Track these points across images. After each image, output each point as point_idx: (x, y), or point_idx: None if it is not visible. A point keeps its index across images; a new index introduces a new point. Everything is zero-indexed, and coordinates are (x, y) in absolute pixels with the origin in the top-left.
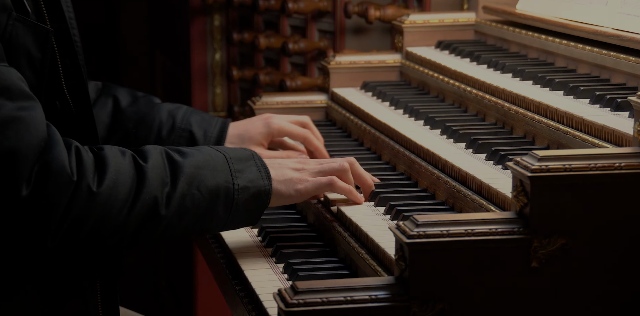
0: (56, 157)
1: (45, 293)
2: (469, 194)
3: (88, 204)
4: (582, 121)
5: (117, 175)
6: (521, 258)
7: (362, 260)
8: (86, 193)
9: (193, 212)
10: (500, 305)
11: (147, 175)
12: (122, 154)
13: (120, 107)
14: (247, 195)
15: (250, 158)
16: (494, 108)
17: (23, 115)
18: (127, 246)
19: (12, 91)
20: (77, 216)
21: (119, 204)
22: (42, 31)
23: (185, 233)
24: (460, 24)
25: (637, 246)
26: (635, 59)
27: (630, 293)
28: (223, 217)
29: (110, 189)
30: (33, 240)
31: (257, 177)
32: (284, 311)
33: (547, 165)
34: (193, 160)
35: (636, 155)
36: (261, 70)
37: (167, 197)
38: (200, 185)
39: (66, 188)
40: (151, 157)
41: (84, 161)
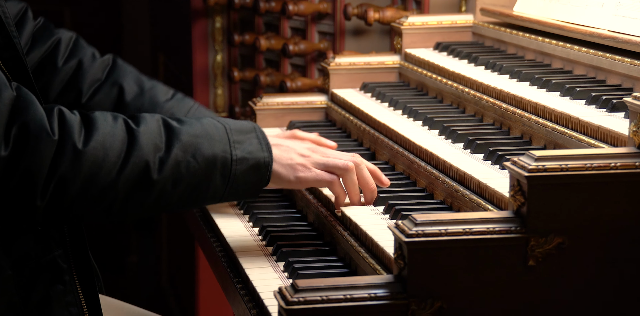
0: (33, 117)
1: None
2: (467, 194)
3: (74, 163)
4: (579, 122)
5: (106, 136)
6: (518, 256)
7: (362, 258)
8: (71, 151)
9: (188, 180)
10: (497, 302)
11: (139, 138)
12: (114, 118)
13: (124, 100)
14: (246, 166)
15: (251, 130)
16: (491, 109)
17: None
18: (122, 212)
19: None
20: (63, 174)
21: (108, 165)
22: None
23: (183, 204)
24: (458, 26)
25: (633, 245)
26: (630, 60)
27: (627, 292)
28: (221, 188)
29: (97, 149)
30: (22, 199)
31: (256, 149)
32: (285, 309)
33: (544, 165)
34: (191, 128)
35: (631, 155)
36: (262, 71)
37: (160, 162)
38: (196, 153)
39: (47, 147)
40: (145, 122)
41: (67, 121)
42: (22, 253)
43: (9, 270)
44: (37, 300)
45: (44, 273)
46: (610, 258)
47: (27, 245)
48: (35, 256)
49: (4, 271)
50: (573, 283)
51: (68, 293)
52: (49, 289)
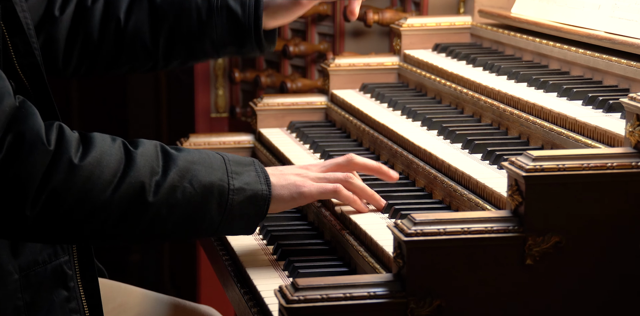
0: (30, 127)
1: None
2: (465, 193)
3: (68, 177)
4: (576, 122)
5: (103, 155)
6: (516, 255)
7: (361, 257)
8: (67, 165)
9: (184, 207)
10: (495, 301)
11: (136, 160)
12: (112, 140)
13: (155, 5)
14: (243, 197)
15: (250, 164)
16: (489, 110)
17: None
18: (113, 235)
19: None
20: (56, 187)
21: (103, 183)
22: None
23: (176, 232)
24: (457, 28)
25: (629, 244)
26: (627, 61)
27: (623, 290)
28: (216, 218)
29: (93, 166)
30: (11, 207)
31: (254, 181)
32: (285, 307)
33: (541, 165)
34: (188, 155)
35: (628, 155)
36: (262, 72)
37: (156, 185)
38: (192, 179)
39: (41, 157)
40: (143, 145)
41: (66, 136)
42: (29, 258)
43: (16, 274)
44: (40, 305)
45: (49, 279)
46: (607, 257)
47: (35, 250)
48: (42, 261)
49: (11, 275)
50: (570, 282)
51: (72, 300)
52: (53, 295)
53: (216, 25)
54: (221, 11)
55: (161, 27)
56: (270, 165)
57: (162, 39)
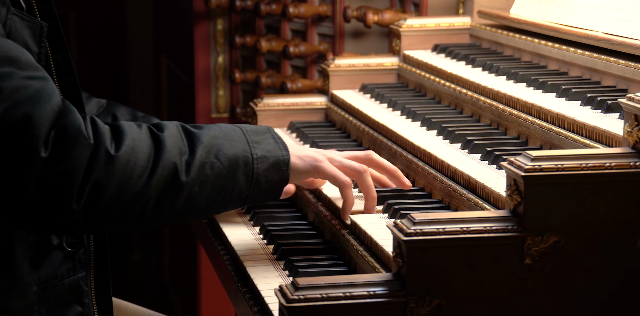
0: (72, 122)
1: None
2: (465, 193)
3: (108, 168)
4: (574, 122)
5: (134, 142)
6: (515, 255)
7: (361, 257)
8: (105, 156)
9: (214, 181)
10: (494, 300)
11: (164, 142)
12: (138, 126)
13: None
14: (266, 164)
15: (266, 131)
16: (488, 110)
17: (34, 83)
18: (154, 217)
19: (21, 61)
20: (98, 179)
21: (139, 169)
22: (37, 26)
23: (209, 207)
24: (456, 28)
25: (628, 243)
26: (624, 62)
27: (621, 289)
28: (245, 187)
29: (128, 154)
30: (59, 201)
31: (274, 148)
32: (285, 306)
33: (540, 165)
34: (209, 131)
35: (626, 155)
36: (263, 72)
37: (187, 164)
38: (218, 154)
39: (84, 151)
40: (167, 128)
41: (99, 128)
42: (49, 271)
43: (35, 286)
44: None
45: (66, 294)
46: (605, 256)
47: (55, 263)
48: (61, 275)
49: (30, 287)
50: (569, 281)
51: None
52: (68, 310)
53: None
54: None
55: None
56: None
57: None
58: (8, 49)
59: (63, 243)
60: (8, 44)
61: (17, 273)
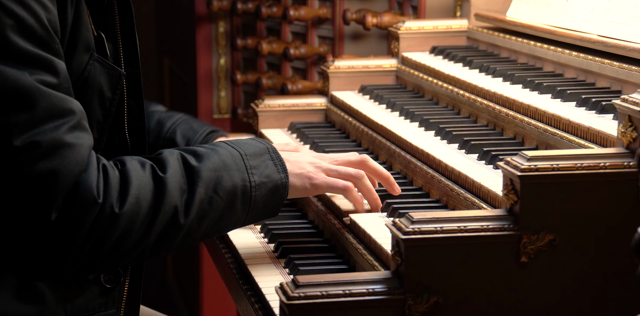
0: (86, 179)
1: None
2: (462, 192)
3: (110, 225)
4: (569, 123)
5: (139, 190)
6: (511, 253)
7: (360, 255)
8: (109, 214)
9: (212, 215)
10: (491, 297)
11: (167, 186)
12: (142, 167)
13: None
14: (265, 190)
15: (265, 152)
16: (485, 111)
17: (75, 142)
18: (148, 256)
19: (78, 119)
20: (99, 237)
21: (140, 219)
22: (116, 74)
23: (207, 235)
24: (454, 31)
25: (621, 242)
26: (619, 63)
27: (615, 286)
28: (242, 215)
29: (132, 206)
30: (55, 257)
31: (273, 171)
32: (286, 304)
33: (536, 165)
34: (209, 163)
35: (620, 155)
36: (264, 74)
37: (186, 205)
38: (217, 188)
39: (90, 210)
40: (169, 166)
41: (110, 181)
42: (82, 303)
43: (64, 315)
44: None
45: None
46: (599, 254)
47: (89, 297)
48: (92, 309)
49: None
50: (564, 279)
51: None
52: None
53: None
54: (165, 141)
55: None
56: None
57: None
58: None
59: (101, 279)
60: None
61: (46, 300)
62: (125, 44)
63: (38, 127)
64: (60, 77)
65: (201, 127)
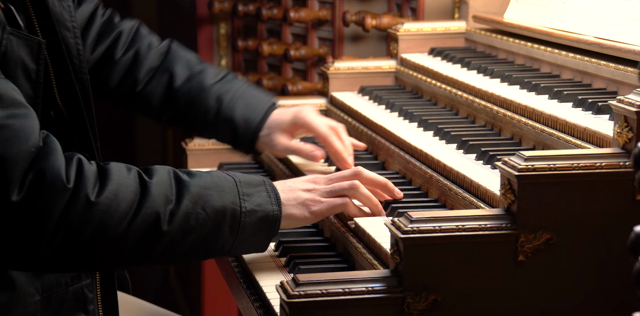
0: (51, 164)
1: None
2: (460, 192)
3: (85, 213)
4: (566, 123)
5: (119, 187)
6: (509, 252)
7: (360, 254)
8: (84, 202)
9: (198, 231)
10: (489, 295)
11: (151, 190)
12: (128, 170)
13: (173, 86)
14: (255, 218)
15: (261, 184)
16: (483, 112)
17: (13, 122)
18: (128, 262)
19: (3, 99)
20: (73, 224)
21: (119, 216)
22: (34, 43)
23: (191, 255)
24: (452, 32)
25: (616, 240)
26: (615, 65)
27: (611, 284)
28: (229, 240)
29: (110, 200)
30: (26, 245)
31: (265, 202)
32: (286, 302)
33: (533, 165)
34: (200, 180)
35: (616, 156)
36: (264, 75)
37: (170, 214)
38: (205, 205)
39: (60, 196)
40: (157, 174)
41: (84, 171)
42: (52, 280)
43: (37, 295)
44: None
45: (70, 301)
46: (596, 253)
47: (58, 274)
48: (65, 284)
49: (33, 296)
50: (561, 277)
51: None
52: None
53: (217, 130)
54: (225, 122)
55: (169, 106)
56: (272, 165)
57: (167, 115)
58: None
59: None
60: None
61: (16, 284)
62: (38, 12)
63: None
64: None
65: (259, 100)
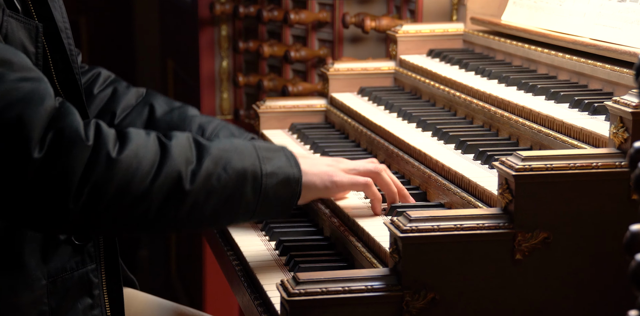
0: (69, 124)
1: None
2: (458, 191)
3: (108, 170)
4: (563, 124)
5: (139, 147)
6: (506, 250)
7: (359, 253)
8: (105, 159)
9: (220, 192)
10: (486, 294)
11: (171, 151)
12: (147, 133)
13: (154, 116)
14: (276, 180)
15: (279, 149)
16: (481, 112)
17: (25, 85)
18: (156, 224)
19: (14, 63)
20: (97, 181)
21: (141, 174)
22: (32, 26)
23: (216, 218)
24: (450, 34)
25: (612, 239)
26: (611, 66)
27: (607, 283)
28: (252, 201)
29: (130, 158)
30: (54, 203)
31: (285, 165)
32: (287, 300)
33: (530, 165)
34: (220, 144)
35: (612, 156)
36: (265, 76)
37: (192, 174)
38: (226, 166)
39: (81, 153)
40: (176, 137)
41: (103, 131)
42: (58, 264)
43: (44, 280)
44: (65, 311)
45: (75, 286)
46: (592, 252)
47: (64, 257)
48: (70, 268)
49: (39, 281)
50: (558, 276)
51: (95, 307)
52: (77, 302)
53: None
54: None
55: None
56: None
57: None
58: (0, 52)
59: (71, 237)
60: (1, 47)
61: (25, 268)
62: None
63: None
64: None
65: (242, 133)
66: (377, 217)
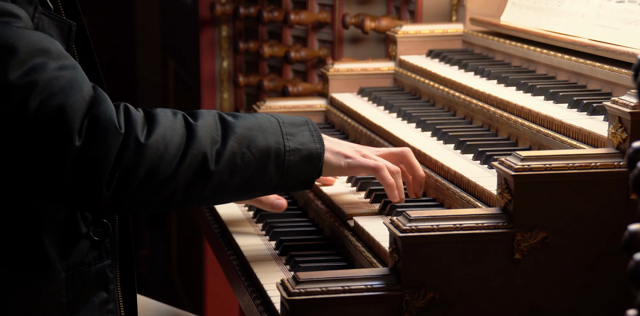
0: (104, 111)
1: None
2: (457, 191)
3: (137, 155)
4: (561, 124)
5: (166, 130)
6: (505, 250)
7: (359, 252)
8: (134, 144)
9: (244, 171)
10: (485, 293)
11: (197, 132)
12: (174, 114)
13: None
14: (299, 156)
15: (304, 123)
16: (480, 112)
17: (65, 73)
18: (182, 202)
19: (52, 52)
20: (127, 166)
21: (168, 157)
22: (65, 25)
23: (239, 194)
24: (449, 35)
25: (610, 239)
26: (609, 67)
27: (605, 282)
28: (275, 177)
29: (158, 142)
30: (90, 187)
31: (308, 141)
32: (287, 299)
33: (529, 165)
34: (245, 122)
35: (610, 156)
36: (265, 76)
37: (217, 154)
38: (250, 145)
39: (115, 140)
40: (202, 117)
41: (132, 116)
42: (77, 258)
43: (64, 273)
44: (81, 305)
45: (92, 280)
46: (590, 251)
47: (82, 251)
48: (88, 263)
49: (59, 274)
50: (556, 275)
51: (110, 302)
52: (94, 295)
53: None
54: None
55: None
56: None
57: None
58: (39, 40)
59: (90, 233)
60: (38, 36)
61: (48, 261)
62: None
63: (27, 65)
64: (24, 21)
65: None
66: (377, 216)
